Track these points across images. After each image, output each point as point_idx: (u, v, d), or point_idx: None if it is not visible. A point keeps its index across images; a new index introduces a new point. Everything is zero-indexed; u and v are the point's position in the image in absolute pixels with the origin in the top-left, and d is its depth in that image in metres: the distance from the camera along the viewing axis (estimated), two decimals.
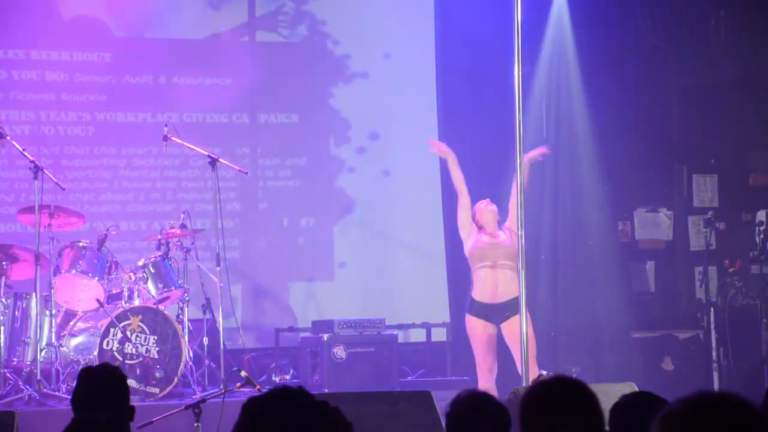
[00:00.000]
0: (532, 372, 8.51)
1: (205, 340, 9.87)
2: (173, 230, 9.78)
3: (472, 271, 9.35)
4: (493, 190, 9.72)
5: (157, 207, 11.17)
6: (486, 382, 9.17)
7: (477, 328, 9.25)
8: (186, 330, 9.57)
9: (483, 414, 3.84)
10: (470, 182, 9.49)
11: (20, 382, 9.05)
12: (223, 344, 9.69)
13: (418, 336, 11.57)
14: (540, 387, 3.25)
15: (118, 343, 9.17)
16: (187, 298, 9.78)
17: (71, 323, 9.49)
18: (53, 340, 9.19)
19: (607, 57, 11.71)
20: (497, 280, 9.21)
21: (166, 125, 9.91)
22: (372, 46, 11.84)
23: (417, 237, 11.74)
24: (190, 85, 11.35)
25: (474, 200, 9.40)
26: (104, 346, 9.13)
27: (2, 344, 9.14)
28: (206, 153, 9.99)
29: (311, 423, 2.93)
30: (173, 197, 11.22)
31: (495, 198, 9.46)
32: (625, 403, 4.03)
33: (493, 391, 8.78)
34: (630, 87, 11.81)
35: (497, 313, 9.20)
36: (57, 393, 8.95)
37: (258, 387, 7.58)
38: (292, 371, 10.36)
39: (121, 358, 9.08)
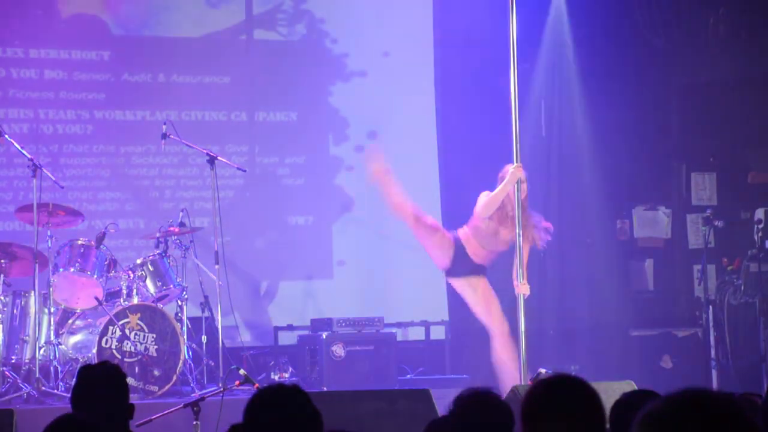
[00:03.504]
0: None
1: (204, 338, 9.86)
2: (172, 228, 9.78)
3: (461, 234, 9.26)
4: (492, 189, 9.68)
5: (155, 205, 11.16)
6: (502, 347, 9.05)
7: (466, 287, 9.15)
8: (185, 328, 9.57)
9: (486, 412, 3.83)
10: (469, 181, 9.46)
11: (19, 380, 9.04)
12: (222, 342, 9.69)
13: (417, 334, 11.57)
14: (542, 385, 3.24)
15: (117, 341, 9.16)
16: (186, 296, 9.77)
17: (70, 321, 9.48)
18: (52, 338, 9.18)
19: (606, 55, 11.70)
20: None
21: (164, 123, 9.90)
22: (371, 45, 11.82)
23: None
24: (189, 84, 11.35)
25: (470, 201, 9.29)
26: (103, 344, 9.12)
27: (1, 342, 9.13)
28: (205, 151, 9.99)
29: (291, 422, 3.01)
30: (172, 195, 11.21)
31: None
32: (625, 402, 4.03)
33: (511, 356, 8.72)
34: (629, 85, 11.80)
35: (477, 268, 9.17)
36: (55, 391, 8.95)
37: (257, 385, 7.58)
38: (291, 369, 10.35)
39: (119, 356, 9.08)
